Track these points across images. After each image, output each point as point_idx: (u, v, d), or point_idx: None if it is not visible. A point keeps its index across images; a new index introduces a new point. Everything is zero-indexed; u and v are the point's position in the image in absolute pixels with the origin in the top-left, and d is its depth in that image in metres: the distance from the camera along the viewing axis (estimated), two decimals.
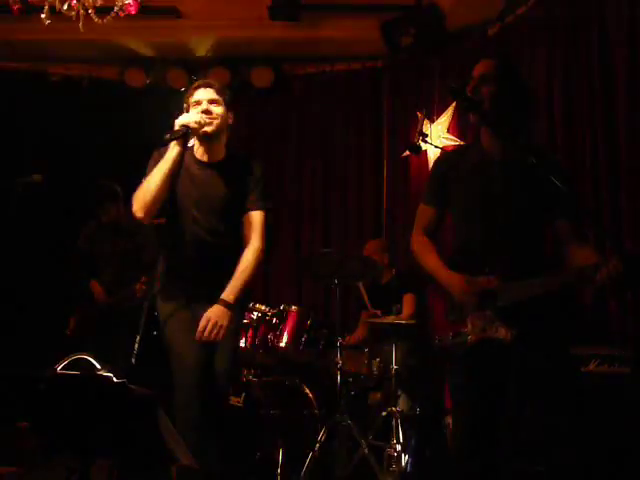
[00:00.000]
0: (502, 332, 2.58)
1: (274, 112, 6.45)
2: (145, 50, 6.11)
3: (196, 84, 3.25)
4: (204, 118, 3.09)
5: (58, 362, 2.77)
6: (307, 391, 4.56)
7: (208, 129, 3.11)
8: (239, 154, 3.32)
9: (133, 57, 6.16)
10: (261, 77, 6.22)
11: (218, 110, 3.16)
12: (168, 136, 3.03)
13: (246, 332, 4.57)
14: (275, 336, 4.53)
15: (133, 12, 4.99)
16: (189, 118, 3.07)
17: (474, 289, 2.64)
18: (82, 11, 4.13)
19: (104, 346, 4.60)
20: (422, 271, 2.87)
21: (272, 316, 4.60)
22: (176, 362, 3.15)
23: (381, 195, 6.16)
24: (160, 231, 3.37)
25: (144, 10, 5.27)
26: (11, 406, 2.58)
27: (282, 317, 4.58)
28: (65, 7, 4.05)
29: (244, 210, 3.21)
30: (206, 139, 3.18)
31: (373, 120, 6.25)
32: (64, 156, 6.07)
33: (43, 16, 4.13)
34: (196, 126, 3.06)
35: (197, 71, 6.11)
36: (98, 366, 2.72)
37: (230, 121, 3.23)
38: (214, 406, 3.16)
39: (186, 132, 3.04)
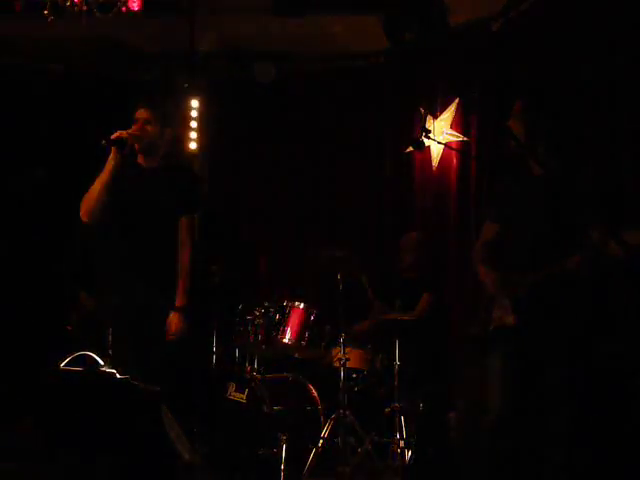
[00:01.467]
0: (509, 319, 2.99)
1: (276, 108, 6.43)
2: (148, 46, 6.10)
3: (139, 104, 3.69)
4: (136, 134, 3.53)
5: (62, 359, 2.78)
6: (310, 387, 4.57)
7: (139, 144, 3.56)
8: (176, 162, 3.89)
9: (136, 53, 6.14)
10: (264, 73, 6.20)
11: (150, 129, 3.60)
12: (104, 142, 3.43)
13: (249, 328, 4.57)
14: (278, 332, 4.54)
15: (136, 8, 4.99)
16: (124, 132, 3.49)
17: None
18: (84, 7, 4.13)
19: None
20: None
21: (275, 312, 4.61)
22: None
23: (384, 191, 6.15)
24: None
25: (147, 5, 5.29)
26: (14, 403, 2.58)
27: (285, 313, 4.58)
28: (67, 3, 4.05)
29: (177, 212, 3.64)
30: (141, 151, 3.62)
31: (376, 116, 6.23)
32: (65, 154, 6.06)
33: (46, 12, 4.13)
34: (129, 138, 3.49)
35: (200, 67, 6.10)
36: (101, 362, 2.72)
37: (167, 137, 3.70)
38: None
39: (120, 142, 3.45)
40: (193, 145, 6.26)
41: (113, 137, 3.44)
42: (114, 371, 2.64)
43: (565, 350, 2.91)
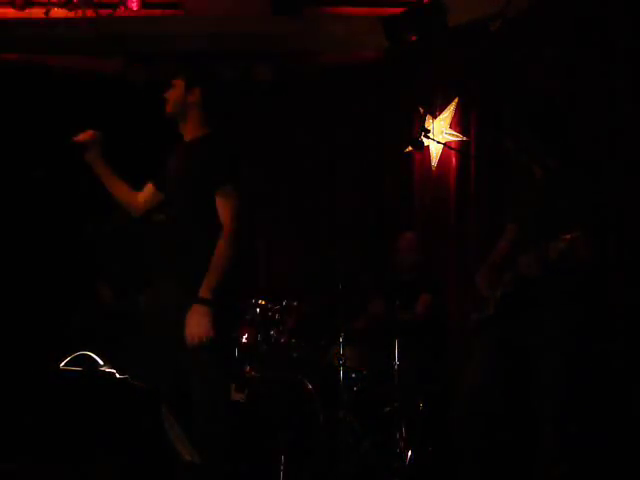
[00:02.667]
0: (490, 310, 3.18)
1: (275, 107, 6.43)
2: (146, 45, 6.08)
3: None
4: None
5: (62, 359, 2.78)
6: (309, 387, 4.56)
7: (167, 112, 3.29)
8: (215, 134, 3.29)
9: (134, 52, 6.13)
10: (262, 72, 6.20)
11: (170, 94, 3.28)
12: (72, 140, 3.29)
13: (248, 328, 4.57)
14: (277, 332, 4.53)
15: (135, 7, 5.00)
16: (82, 134, 3.32)
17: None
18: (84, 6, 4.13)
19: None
20: None
21: (274, 312, 4.60)
22: None
23: (383, 191, 6.15)
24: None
25: (146, 5, 5.30)
26: (14, 402, 2.58)
27: (285, 313, 4.58)
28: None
29: (209, 190, 3.13)
30: (175, 120, 3.31)
31: (375, 116, 6.22)
32: (64, 151, 6.05)
33: (45, 10, 4.13)
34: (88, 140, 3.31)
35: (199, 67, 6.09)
36: (101, 362, 2.72)
37: (191, 98, 3.26)
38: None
39: (80, 144, 3.28)
40: None
41: (74, 139, 3.29)
42: (113, 371, 2.63)
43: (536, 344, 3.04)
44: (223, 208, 3.10)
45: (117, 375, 2.61)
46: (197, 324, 2.96)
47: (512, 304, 3.07)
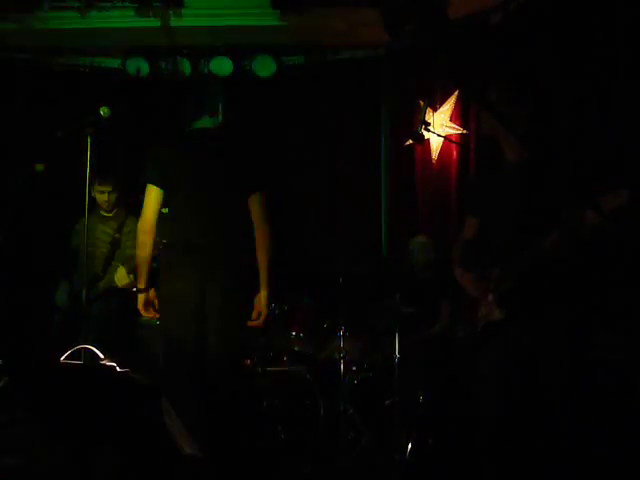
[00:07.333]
0: (496, 314, 2.96)
1: (276, 101, 6.41)
2: (147, 39, 6.08)
3: None
4: None
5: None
6: (310, 380, 4.57)
7: None
8: None
9: (135, 46, 6.13)
10: (263, 66, 6.18)
11: None
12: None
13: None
14: (279, 325, 4.55)
15: None
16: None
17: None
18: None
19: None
20: None
21: (276, 306, 4.61)
22: None
23: (385, 184, 6.14)
24: None
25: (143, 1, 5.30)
26: (14, 395, 2.59)
27: (286, 307, 4.59)
28: None
29: None
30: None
31: (375, 109, 6.22)
32: (64, 147, 6.05)
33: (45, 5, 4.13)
34: None
35: (199, 60, 6.09)
36: (101, 355, 2.72)
37: None
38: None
39: None
40: None
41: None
42: (114, 364, 2.64)
43: (557, 340, 2.86)
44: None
45: (117, 369, 2.62)
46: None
47: (515, 304, 2.92)
